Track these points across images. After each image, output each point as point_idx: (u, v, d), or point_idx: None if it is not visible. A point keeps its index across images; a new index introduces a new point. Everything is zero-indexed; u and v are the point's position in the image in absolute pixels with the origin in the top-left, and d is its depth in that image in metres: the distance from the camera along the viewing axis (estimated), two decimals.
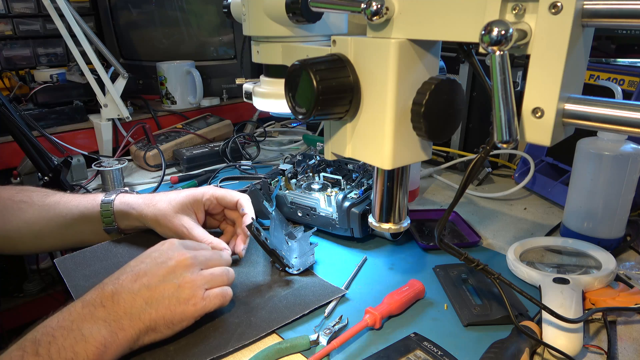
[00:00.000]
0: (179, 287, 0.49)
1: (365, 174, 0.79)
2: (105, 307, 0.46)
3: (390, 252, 0.70)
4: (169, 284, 0.49)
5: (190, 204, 0.68)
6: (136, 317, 0.47)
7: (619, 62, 0.87)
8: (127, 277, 0.49)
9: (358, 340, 0.51)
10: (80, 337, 0.43)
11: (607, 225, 0.67)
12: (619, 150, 0.63)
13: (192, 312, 0.49)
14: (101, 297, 0.47)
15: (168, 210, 0.66)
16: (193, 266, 0.52)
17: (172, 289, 0.49)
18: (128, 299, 0.47)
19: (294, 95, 0.47)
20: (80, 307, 0.46)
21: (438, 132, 0.44)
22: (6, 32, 1.36)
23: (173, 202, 0.67)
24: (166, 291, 0.49)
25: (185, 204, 0.68)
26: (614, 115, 0.34)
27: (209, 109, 1.32)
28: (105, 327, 0.45)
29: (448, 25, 0.39)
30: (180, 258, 0.52)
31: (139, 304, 0.47)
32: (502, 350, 0.46)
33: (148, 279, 0.49)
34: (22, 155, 0.90)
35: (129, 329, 0.46)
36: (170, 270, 0.50)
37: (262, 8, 0.57)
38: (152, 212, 0.67)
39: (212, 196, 0.69)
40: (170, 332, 0.49)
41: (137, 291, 0.48)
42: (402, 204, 0.53)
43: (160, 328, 0.48)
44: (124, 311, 0.46)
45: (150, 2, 1.36)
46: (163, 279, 0.50)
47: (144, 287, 0.48)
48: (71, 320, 0.44)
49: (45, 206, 0.69)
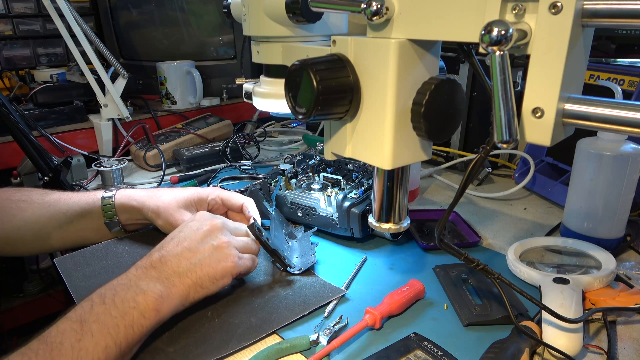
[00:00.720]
0: (216, 248, 0.56)
1: (365, 174, 0.79)
2: (156, 269, 0.52)
3: (390, 252, 0.70)
4: (207, 245, 0.56)
5: (195, 202, 0.69)
6: (184, 275, 0.53)
7: (619, 62, 0.87)
8: (170, 244, 0.56)
9: (358, 340, 0.51)
10: (139, 290, 0.49)
11: (607, 225, 0.67)
12: (619, 150, 0.63)
13: (230, 267, 0.55)
14: (151, 262, 0.53)
15: (171, 204, 0.67)
16: (225, 229, 0.59)
17: (210, 249, 0.55)
18: (174, 261, 0.53)
19: (294, 95, 0.47)
20: (135, 270, 0.52)
21: (438, 132, 0.44)
22: (6, 32, 1.36)
23: (178, 197, 0.68)
24: (206, 251, 0.55)
25: (189, 200, 0.69)
26: (614, 115, 0.34)
27: (209, 109, 1.32)
28: (159, 283, 0.51)
29: (448, 25, 0.39)
30: (213, 222, 0.58)
31: (184, 264, 0.53)
32: (502, 350, 0.46)
33: (188, 242, 0.55)
34: (22, 155, 0.90)
35: (179, 285, 0.52)
36: (207, 234, 0.57)
37: (262, 8, 0.57)
38: (154, 203, 0.67)
39: (217, 197, 0.71)
40: (215, 287, 0.54)
41: (180, 254, 0.54)
42: (402, 204, 0.53)
43: (206, 284, 0.54)
44: (173, 271, 0.52)
45: (150, 2, 1.36)
46: (201, 241, 0.56)
47: (186, 249, 0.55)
48: (129, 279, 0.50)
49: (45, 204, 0.69)
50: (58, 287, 1.42)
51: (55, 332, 0.43)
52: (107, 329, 0.44)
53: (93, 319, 0.45)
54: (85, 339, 0.43)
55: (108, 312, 0.46)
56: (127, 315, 0.46)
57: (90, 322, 0.44)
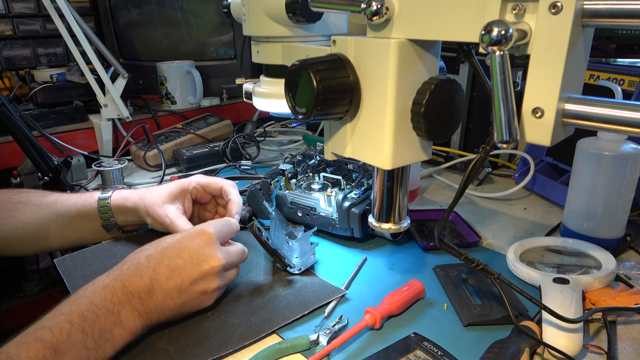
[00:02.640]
0: (204, 293, 0.54)
1: (365, 174, 0.79)
2: (141, 300, 0.50)
3: (390, 252, 0.70)
4: (198, 288, 0.53)
5: (178, 193, 0.69)
6: (162, 313, 0.52)
7: (619, 62, 0.87)
8: (164, 271, 0.52)
9: (358, 340, 0.51)
10: (119, 321, 0.48)
11: (607, 225, 0.67)
12: (619, 150, 0.63)
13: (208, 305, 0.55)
14: (138, 289, 0.50)
15: (157, 200, 0.67)
16: (222, 272, 0.55)
17: (198, 294, 0.53)
18: (160, 297, 0.51)
19: (294, 95, 0.47)
20: (120, 290, 0.49)
21: (438, 132, 0.44)
22: (6, 32, 1.36)
23: (163, 193, 0.68)
24: (194, 294, 0.53)
25: (173, 193, 0.69)
26: (614, 115, 0.34)
27: (209, 109, 1.32)
28: (138, 317, 0.49)
29: (448, 25, 0.39)
30: (214, 264, 0.54)
31: (168, 304, 0.52)
32: (502, 350, 0.46)
33: (181, 280, 0.52)
34: (22, 155, 0.90)
35: (155, 321, 0.51)
36: (203, 275, 0.53)
37: (262, 8, 0.57)
38: (143, 203, 0.68)
39: (197, 184, 0.70)
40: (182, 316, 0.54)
41: (169, 291, 0.51)
42: (402, 204, 0.53)
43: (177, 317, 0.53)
44: (155, 307, 0.51)
45: (150, 2, 1.36)
46: (194, 282, 0.53)
47: (175, 289, 0.52)
48: (112, 303, 0.48)
49: (43, 205, 0.69)
50: (58, 287, 1.42)
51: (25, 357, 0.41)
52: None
53: (67, 348, 0.43)
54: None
55: (84, 344, 0.44)
56: (100, 348, 0.46)
57: (64, 352, 0.42)
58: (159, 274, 0.51)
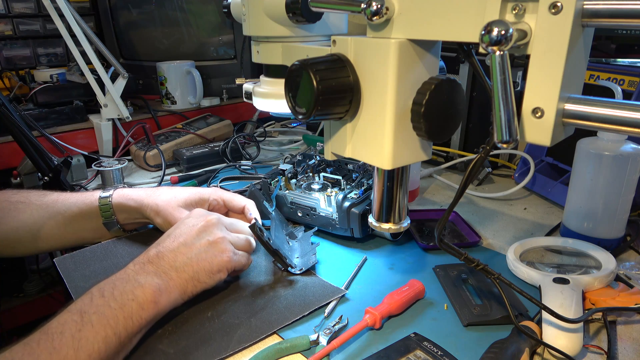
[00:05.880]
0: (212, 243, 0.57)
1: (365, 174, 0.79)
2: (153, 264, 0.53)
3: (390, 252, 0.70)
4: (203, 240, 0.57)
5: (195, 201, 0.69)
6: (181, 269, 0.54)
7: (619, 62, 0.87)
8: (167, 240, 0.56)
9: (358, 340, 0.51)
10: (137, 284, 0.50)
11: (607, 225, 0.67)
12: (619, 150, 0.63)
13: (226, 261, 0.56)
14: (148, 257, 0.54)
15: (171, 202, 0.67)
16: (220, 225, 0.59)
17: (206, 245, 0.56)
18: (171, 256, 0.54)
19: (294, 95, 0.47)
20: (132, 266, 0.53)
21: (438, 132, 0.44)
22: (6, 32, 1.36)
23: (178, 196, 0.69)
24: (202, 246, 0.56)
25: (190, 200, 0.69)
26: (614, 115, 0.34)
27: (209, 109, 1.32)
28: (157, 277, 0.52)
29: (448, 25, 0.39)
30: (208, 218, 0.59)
31: (180, 259, 0.54)
32: (502, 350, 0.46)
33: (184, 238, 0.56)
34: (22, 155, 0.89)
35: (177, 278, 0.53)
36: (202, 229, 0.58)
37: (262, 8, 0.57)
38: (153, 201, 0.67)
39: (219, 197, 0.71)
40: (212, 281, 0.56)
41: (176, 249, 0.55)
42: (402, 204, 0.53)
43: (203, 278, 0.55)
44: (169, 265, 0.54)
45: (150, 2, 1.36)
46: (197, 236, 0.57)
47: (182, 245, 0.56)
48: (127, 274, 0.51)
49: (43, 205, 0.69)
50: (58, 287, 1.42)
51: (56, 324, 0.44)
52: (107, 319, 0.45)
53: (93, 310, 0.46)
54: (85, 329, 0.44)
55: (107, 304, 0.47)
56: (126, 307, 0.47)
57: (90, 313, 0.45)
58: (163, 244, 0.56)
